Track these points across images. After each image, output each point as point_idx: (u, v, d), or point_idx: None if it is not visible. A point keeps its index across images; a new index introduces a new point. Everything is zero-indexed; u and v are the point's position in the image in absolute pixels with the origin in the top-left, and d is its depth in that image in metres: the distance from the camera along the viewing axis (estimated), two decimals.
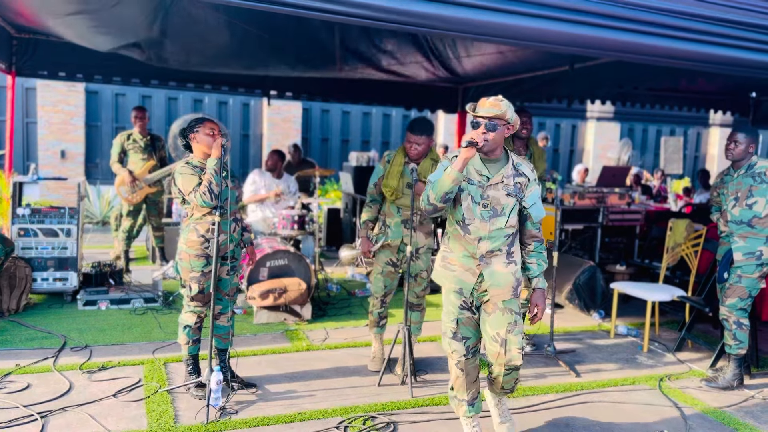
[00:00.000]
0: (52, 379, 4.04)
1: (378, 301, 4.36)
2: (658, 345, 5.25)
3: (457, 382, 3.21)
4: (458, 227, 3.10)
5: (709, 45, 3.74)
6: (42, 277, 5.73)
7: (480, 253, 3.07)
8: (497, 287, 3.08)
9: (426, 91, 9.07)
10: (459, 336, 3.16)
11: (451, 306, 3.16)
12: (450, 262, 3.17)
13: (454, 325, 3.16)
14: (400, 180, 4.19)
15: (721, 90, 8.90)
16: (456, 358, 3.17)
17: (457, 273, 3.13)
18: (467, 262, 3.11)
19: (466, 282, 3.12)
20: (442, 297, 3.23)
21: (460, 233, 3.10)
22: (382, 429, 3.52)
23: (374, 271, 4.38)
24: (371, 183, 4.35)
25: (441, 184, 2.97)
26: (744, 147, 4.32)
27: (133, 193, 6.94)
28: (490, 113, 2.98)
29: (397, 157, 4.24)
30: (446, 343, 3.20)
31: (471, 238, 3.08)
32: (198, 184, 3.71)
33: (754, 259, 4.22)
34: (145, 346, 4.71)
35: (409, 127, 4.17)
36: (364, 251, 4.32)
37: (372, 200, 4.36)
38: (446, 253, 3.20)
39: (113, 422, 3.47)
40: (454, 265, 3.14)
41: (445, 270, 3.18)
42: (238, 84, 8.37)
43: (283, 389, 4.03)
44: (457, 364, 3.18)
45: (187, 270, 3.81)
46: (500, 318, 3.10)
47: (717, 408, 4.00)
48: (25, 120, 11.60)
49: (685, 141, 16.07)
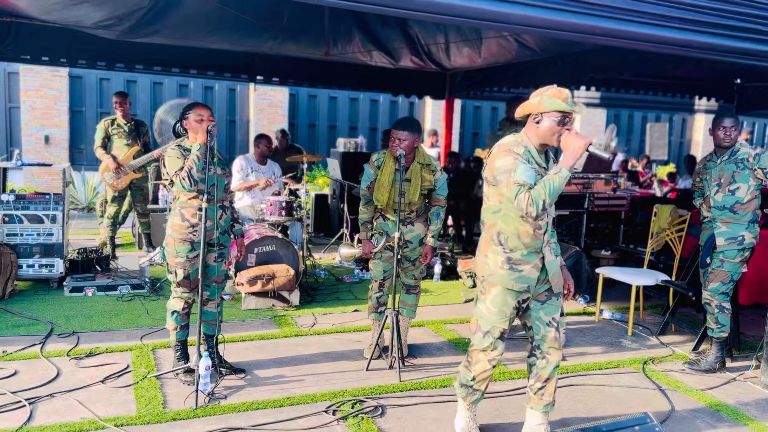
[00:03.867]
0: (40, 365, 4.03)
1: (377, 285, 4.36)
2: (642, 329, 5.33)
3: (483, 375, 3.17)
4: (528, 225, 2.96)
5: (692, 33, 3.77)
6: (28, 264, 5.70)
7: (543, 245, 3.02)
8: (555, 276, 3.07)
9: (413, 77, 9.05)
10: (505, 336, 3.13)
11: (506, 307, 3.05)
12: (516, 262, 3.00)
13: (506, 326, 3.09)
14: (392, 190, 4.13)
15: (706, 76, 8.96)
16: (494, 355, 3.13)
17: (525, 272, 3.01)
18: (532, 258, 3.01)
19: (531, 279, 3.02)
20: (490, 297, 3.07)
21: (530, 230, 2.97)
22: (371, 412, 3.55)
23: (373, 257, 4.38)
24: (363, 186, 4.29)
25: (556, 186, 2.81)
26: (738, 132, 4.39)
27: (118, 179, 6.88)
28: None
29: (387, 164, 4.15)
30: (487, 342, 3.10)
31: (540, 233, 3.00)
32: (181, 168, 3.70)
33: (736, 244, 4.28)
34: (133, 333, 4.71)
35: (394, 125, 4.16)
36: (365, 253, 4.29)
37: (367, 201, 4.32)
38: (508, 254, 3.01)
39: (102, 408, 3.47)
40: (521, 265, 3.00)
41: (511, 272, 3.00)
42: (224, 68, 8.30)
43: (271, 374, 4.05)
44: (492, 360, 3.14)
45: (173, 255, 3.81)
46: (555, 303, 3.12)
47: (699, 390, 4.08)
48: (8, 105, 11.44)
49: (670, 127, 16.18)
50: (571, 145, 2.86)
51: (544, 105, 2.91)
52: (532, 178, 2.87)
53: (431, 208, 4.30)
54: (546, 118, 2.92)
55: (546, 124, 2.92)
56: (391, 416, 3.54)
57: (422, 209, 4.30)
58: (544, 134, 2.94)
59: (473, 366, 3.18)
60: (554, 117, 2.90)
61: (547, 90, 2.95)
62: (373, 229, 4.35)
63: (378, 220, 4.32)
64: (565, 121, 2.92)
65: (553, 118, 2.90)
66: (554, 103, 2.89)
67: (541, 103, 2.92)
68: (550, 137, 2.94)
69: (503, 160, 2.92)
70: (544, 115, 2.93)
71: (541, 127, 2.94)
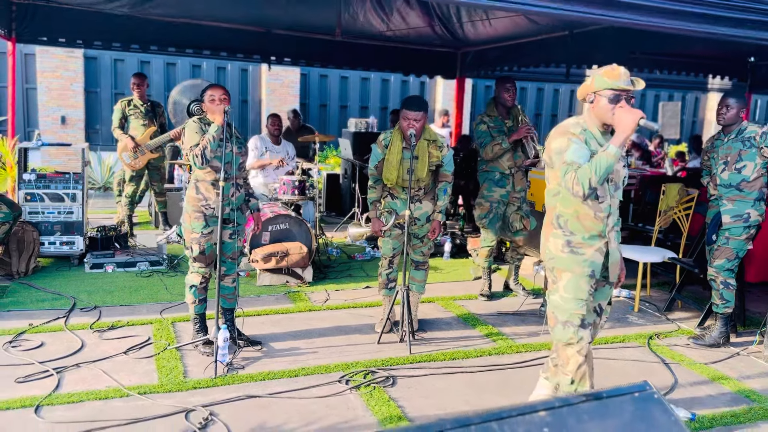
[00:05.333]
0: (65, 337, 4.20)
1: (386, 262, 4.48)
2: (649, 305, 5.42)
3: (580, 372, 2.98)
4: (588, 207, 2.89)
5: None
6: (49, 241, 5.87)
7: (608, 230, 2.93)
8: (615, 264, 2.99)
9: (424, 56, 9.08)
10: (586, 323, 2.98)
11: (581, 292, 2.94)
12: (576, 245, 2.93)
13: (584, 312, 2.96)
14: (400, 168, 4.21)
15: (719, 55, 8.92)
16: (581, 345, 2.97)
17: (588, 256, 2.92)
18: (595, 242, 2.93)
19: (596, 263, 2.94)
20: (562, 284, 2.97)
21: (590, 213, 2.90)
22: (382, 382, 3.69)
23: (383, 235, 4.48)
24: (371, 165, 4.39)
25: (603, 164, 2.72)
26: (735, 111, 4.41)
27: (135, 159, 7.02)
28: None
29: (395, 143, 4.23)
30: (571, 333, 2.97)
31: (602, 215, 2.91)
32: (196, 144, 3.82)
33: (742, 222, 4.35)
34: (153, 307, 4.87)
35: (405, 105, 4.18)
36: (375, 231, 4.38)
37: (375, 181, 4.41)
38: (569, 237, 2.95)
39: (126, 377, 3.64)
40: (583, 248, 2.92)
41: (574, 255, 2.93)
42: (236, 49, 8.38)
43: (287, 347, 4.20)
44: (580, 351, 2.97)
45: (189, 231, 3.95)
46: (607, 291, 3.09)
47: (703, 363, 4.19)
48: (24, 86, 11.60)
49: (683, 106, 16.09)
50: (622, 120, 2.78)
51: (596, 84, 2.89)
52: (583, 158, 2.80)
53: (439, 184, 4.40)
54: (599, 97, 2.88)
55: (600, 104, 2.88)
56: (401, 386, 3.68)
57: (429, 186, 4.39)
58: (600, 114, 2.89)
59: (567, 366, 3.00)
60: (607, 95, 2.85)
61: (595, 72, 2.91)
62: (382, 207, 4.45)
63: (386, 198, 4.43)
64: (619, 99, 2.84)
65: (606, 96, 2.85)
66: (604, 81, 2.85)
67: (593, 82, 2.90)
68: (606, 116, 2.87)
69: (558, 141, 2.88)
70: (597, 94, 2.89)
71: (596, 106, 2.90)
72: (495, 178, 5.27)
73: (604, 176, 2.74)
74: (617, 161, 2.77)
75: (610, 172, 2.76)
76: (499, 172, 5.26)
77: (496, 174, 5.27)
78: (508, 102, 5.19)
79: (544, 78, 13.04)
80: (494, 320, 4.91)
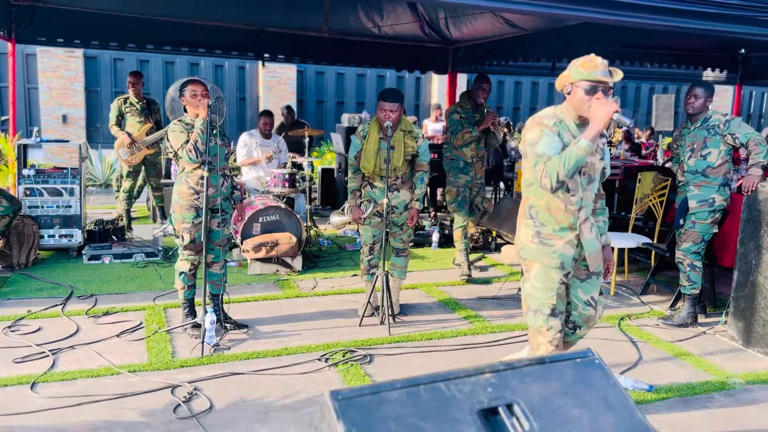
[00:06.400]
0: (61, 322, 4.43)
1: (367, 249, 4.70)
2: (625, 289, 5.61)
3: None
4: (558, 199, 2.92)
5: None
6: (48, 234, 6.10)
7: (579, 222, 2.95)
8: (592, 255, 3.01)
9: (417, 52, 9.25)
10: (556, 311, 3.02)
11: (551, 282, 2.98)
12: (546, 237, 2.97)
13: (554, 301, 3.00)
14: (377, 157, 4.44)
15: (710, 47, 9.06)
16: (552, 335, 3.03)
17: (557, 247, 2.95)
18: (565, 234, 2.95)
19: (567, 255, 2.96)
20: (532, 273, 3.03)
21: (561, 205, 2.93)
22: (359, 360, 3.90)
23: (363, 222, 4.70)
24: (351, 155, 4.63)
25: (573, 158, 2.72)
26: (702, 101, 4.59)
27: (132, 155, 7.24)
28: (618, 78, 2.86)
29: (372, 134, 4.45)
30: (541, 321, 3.02)
31: (573, 209, 2.93)
32: (186, 141, 4.03)
33: (707, 206, 4.53)
34: (146, 295, 5.10)
35: (381, 97, 4.41)
36: (355, 218, 4.61)
37: (355, 171, 4.64)
38: (538, 228, 2.99)
39: (117, 357, 3.86)
40: (553, 240, 2.96)
41: (543, 246, 2.97)
42: (231, 47, 8.58)
43: (272, 330, 4.42)
44: (552, 341, 3.03)
45: (179, 221, 4.16)
46: (595, 282, 3.10)
47: (669, 342, 4.38)
48: (26, 86, 11.85)
49: (677, 98, 16.18)
50: (596, 113, 2.74)
51: (572, 75, 2.84)
52: (554, 150, 2.79)
53: (416, 174, 4.61)
54: (575, 88, 2.83)
55: (577, 95, 2.83)
56: (377, 363, 3.89)
57: (407, 176, 4.60)
58: (577, 105, 2.85)
59: (537, 352, 3.07)
60: (583, 86, 2.80)
61: (579, 60, 2.85)
62: (361, 196, 4.66)
63: (366, 188, 4.64)
64: (596, 90, 2.79)
65: (582, 87, 2.81)
66: (579, 72, 2.81)
67: (570, 73, 2.86)
68: (582, 108, 2.83)
69: (531, 132, 2.87)
70: (573, 85, 2.84)
71: (573, 98, 2.86)
72: (459, 166, 5.78)
73: (574, 170, 2.73)
74: (589, 154, 2.79)
75: (581, 165, 2.76)
76: (463, 161, 5.76)
77: (460, 162, 5.76)
78: (479, 98, 5.67)
79: (536, 72, 13.19)
80: (473, 304, 5.11)
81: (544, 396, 2.05)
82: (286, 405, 3.33)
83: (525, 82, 15.71)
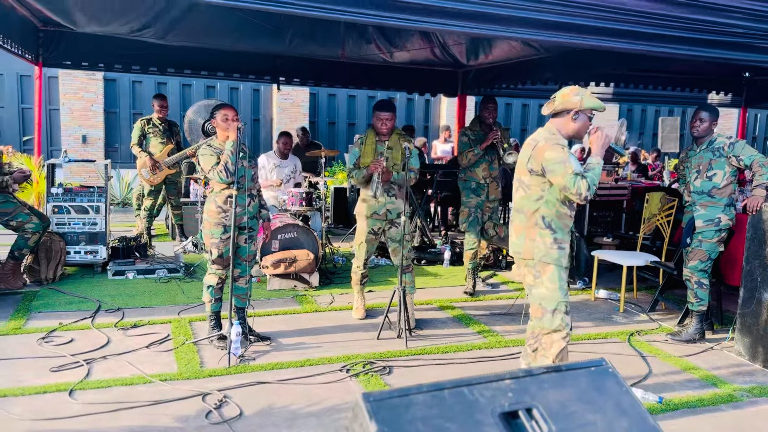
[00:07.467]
0: (92, 334, 4.62)
1: (361, 263, 5.08)
2: (634, 306, 5.76)
3: (560, 357, 3.26)
4: (567, 207, 3.33)
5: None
6: (75, 250, 6.31)
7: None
8: None
9: (427, 75, 9.53)
10: (569, 309, 3.35)
11: (563, 282, 3.31)
12: (561, 241, 3.32)
13: (568, 299, 3.34)
14: (375, 154, 4.88)
15: (715, 70, 9.27)
16: (567, 332, 3.30)
17: (567, 249, 3.36)
18: (569, 237, 3.39)
19: (569, 254, 3.41)
20: (546, 276, 3.33)
21: (568, 213, 3.34)
22: (379, 371, 4.07)
23: (356, 241, 5.07)
24: (350, 164, 5.05)
25: (598, 174, 3.24)
26: (707, 124, 4.78)
27: (154, 175, 7.49)
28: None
29: (369, 138, 4.94)
30: (559, 320, 3.29)
31: (572, 215, 3.38)
32: (216, 163, 4.26)
33: (713, 226, 4.70)
34: (172, 309, 5.29)
35: (377, 107, 4.88)
36: (373, 168, 4.76)
37: (356, 168, 4.98)
38: (554, 234, 3.32)
39: (148, 367, 4.04)
40: (564, 243, 3.33)
41: (561, 250, 3.32)
42: (248, 71, 8.89)
43: (294, 342, 4.59)
44: (566, 338, 3.30)
45: (209, 237, 4.37)
46: None
47: (677, 356, 4.52)
48: (48, 107, 12.18)
49: (682, 121, 16.37)
50: (598, 140, 3.29)
51: (585, 103, 3.25)
52: (580, 167, 3.21)
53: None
54: (583, 115, 3.28)
55: (582, 121, 3.29)
56: (396, 374, 4.05)
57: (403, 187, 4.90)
58: (578, 129, 3.30)
59: (549, 350, 3.30)
60: (589, 114, 3.30)
61: (577, 90, 3.27)
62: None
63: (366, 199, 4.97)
64: (592, 119, 3.33)
65: (589, 115, 3.30)
66: (592, 102, 3.26)
67: (582, 101, 3.24)
68: (582, 132, 3.31)
69: (555, 152, 3.19)
70: (583, 112, 3.28)
71: (577, 123, 3.28)
72: (471, 187, 5.96)
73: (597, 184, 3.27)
74: None
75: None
76: (475, 181, 5.94)
77: (472, 183, 5.95)
78: (487, 119, 5.85)
79: (546, 95, 13.40)
80: (487, 319, 5.28)
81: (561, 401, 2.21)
82: (312, 412, 3.50)
83: (532, 105, 15.97)
